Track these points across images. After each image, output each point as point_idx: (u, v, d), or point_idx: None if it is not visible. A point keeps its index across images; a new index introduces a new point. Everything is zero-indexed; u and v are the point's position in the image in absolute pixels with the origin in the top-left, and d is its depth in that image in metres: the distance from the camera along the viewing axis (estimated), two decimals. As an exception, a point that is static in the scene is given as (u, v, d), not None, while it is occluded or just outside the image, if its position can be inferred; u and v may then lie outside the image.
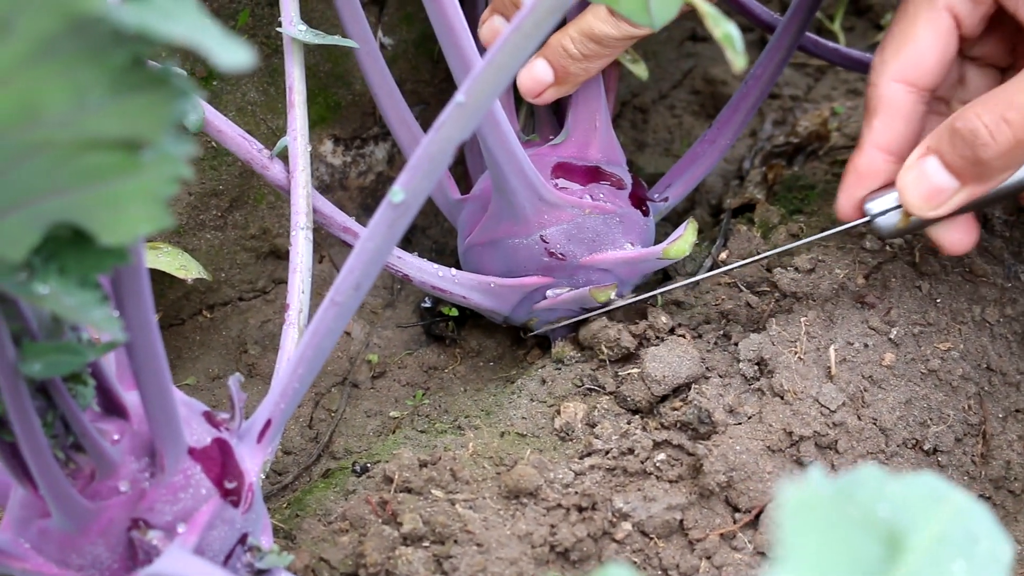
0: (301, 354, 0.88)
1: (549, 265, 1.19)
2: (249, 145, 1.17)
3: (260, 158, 1.17)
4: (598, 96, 1.25)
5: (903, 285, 1.16)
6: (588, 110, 1.24)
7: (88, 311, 0.61)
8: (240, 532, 0.87)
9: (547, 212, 1.18)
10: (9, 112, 0.50)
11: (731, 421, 1.06)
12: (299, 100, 1.18)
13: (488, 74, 0.73)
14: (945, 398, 1.11)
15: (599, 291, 1.18)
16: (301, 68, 1.19)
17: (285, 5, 1.19)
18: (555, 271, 1.20)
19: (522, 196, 1.16)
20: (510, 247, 1.20)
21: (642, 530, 0.99)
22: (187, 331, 1.38)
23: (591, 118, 1.24)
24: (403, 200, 0.78)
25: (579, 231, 1.19)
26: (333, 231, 1.20)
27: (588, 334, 1.19)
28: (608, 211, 1.20)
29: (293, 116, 1.18)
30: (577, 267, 1.19)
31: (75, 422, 0.76)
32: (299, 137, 1.17)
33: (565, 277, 1.20)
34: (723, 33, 0.68)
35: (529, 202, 1.16)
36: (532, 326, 1.26)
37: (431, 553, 0.95)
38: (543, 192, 1.16)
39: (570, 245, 1.19)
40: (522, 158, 1.12)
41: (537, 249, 1.19)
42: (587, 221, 1.19)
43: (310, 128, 1.22)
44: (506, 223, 1.19)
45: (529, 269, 1.20)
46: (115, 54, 0.49)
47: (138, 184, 0.55)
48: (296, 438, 1.25)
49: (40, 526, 0.82)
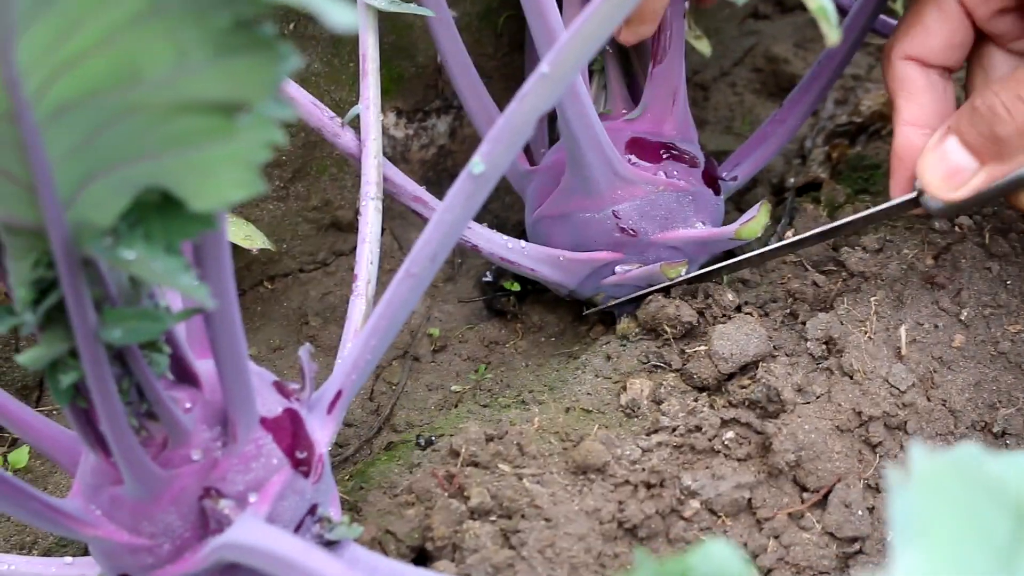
0: (375, 325, 0.87)
1: (620, 241, 1.19)
2: (320, 113, 1.16)
3: (332, 125, 1.16)
4: (680, 72, 1.24)
5: (973, 266, 1.14)
6: (668, 85, 1.23)
7: (176, 277, 0.61)
8: (310, 503, 0.87)
9: (621, 188, 1.17)
10: (109, 73, 0.50)
11: (799, 400, 1.05)
12: (372, 68, 1.17)
13: (574, 44, 0.72)
14: (1015, 380, 1.10)
15: (670, 267, 1.17)
16: (375, 36, 1.18)
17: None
18: (625, 247, 1.19)
19: (597, 170, 1.15)
20: (581, 221, 1.20)
21: (710, 508, 0.99)
22: (248, 302, 1.38)
23: (669, 94, 1.23)
24: (483, 172, 0.77)
25: (652, 208, 1.18)
26: (403, 200, 1.19)
27: (647, 315, 1.18)
28: (682, 189, 1.19)
29: (366, 84, 1.17)
30: (648, 244, 1.18)
31: (150, 389, 0.76)
32: (371, 106, 1.16)
33: (635, 253, 1.19)
34: (818, 6, 0.67)
35: (604, 176, 1.16)
36: (597, 301, 1.25)
37: (499, 527, 0.95)
38: (618, 167, 1.16)
39: (642, 222, 1.18)
40: (600, 132, 1.11)
41: (608, 224, 1.18)
42: (660, 198, 1.18)
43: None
44: (578, 197, 1.19)
45: (599, 244, 1.20)
46: (219, 15, 0.49)
47: (232, 149, 0.55)
48: (357, 410, 1.25)
49: (112, 493, 0.82)
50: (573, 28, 0.72)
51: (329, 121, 1.16)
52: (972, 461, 0.48)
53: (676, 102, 1.24)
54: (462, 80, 1.24)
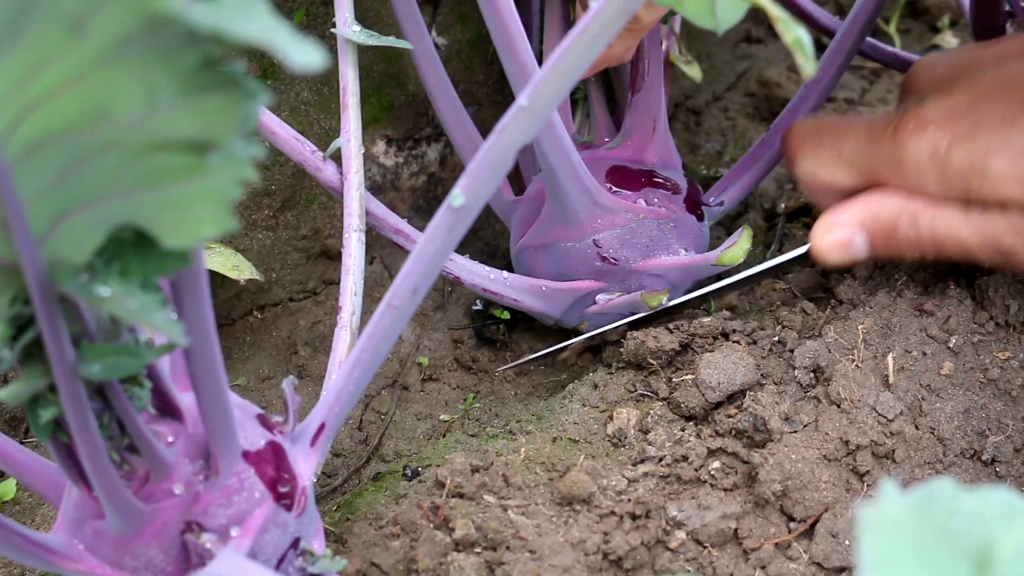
0: (357, 358, 0.87)
1: (601, 269, 1.19)
2: (302, 147, 1.17)
3: (313, 160, 1.17)
4: (659, 99, 1.24)
5: (961, 294, 1.14)
6: (648, 113, 1.23)
7: (150, 314, 0.61)
8: (293, 536, 0.87)
9: (601, 216, 1.18)
10: (80, 112, 0.50)
11: (787, 429, 1.05)
12: (352, 102, 1.17)
13: (552, 78, 0.72)
14: (1004, 408, 1.10)
15: (651, 296, 1.17)
16: (355, 70, 1.19)
17: (340, 6, 1.19)
18: (607, 275, 1.19)
19: (576, 200, 1.15)
20: (563, 251, 1.20)
21: (696, 539, 0.98)
22: (237, 331, 1.38)
23: (649, 121, 1.23)
24: (463, 204, 0.77)
25: (633, 236, 1.18)
26: (385, 233, 1.20)
27: (630, 348, 1.17)
28: (662, 216, 1.19)
29: (347, 118, 1.17)
30: (630, 272, 1.19)
31: (131, 424, 0.75)
32: (352, 139, 1.17)
33: (617, 282, 1.20)
34: (794, 38, 0.66)
35: (583, 206, 1.16)
36: (583, 330, 1.25)
37: (483, 559, 0.95)
38: (597, 196, 1.16)
39: (623, 250, 1.18)
40: (576, 162, 1.12)
41: (590, 253, 1.18)
42: (641, 226, 1.18)
43: (363, 128, 1.21)
44: (559, 227, 1.19)
45: (581, 273, 1.20)
46: (188, 54, 0.49)
47: (204, 186, 0.55)
48: (346, 440, 1.24)
49: (94, 527, 0.82)
50: (551, 61, 0.72)
51: (311, 155, 1.17)
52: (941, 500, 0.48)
53: (656, 129, 1.24)
54: (447, 111, 1.24)
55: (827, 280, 1.20)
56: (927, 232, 1.05)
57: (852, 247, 1.09)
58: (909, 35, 1.79)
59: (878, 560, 0.44)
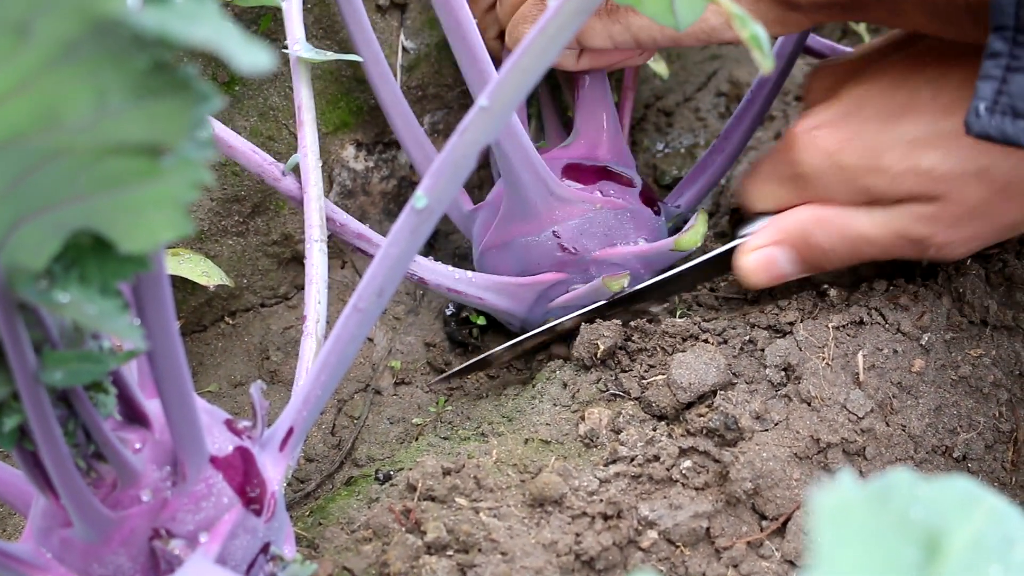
0: (324, 361, 0.87)
1: (562, 260, 1.20)
2: (260, 159, 1.18)
3: (273, 171, 1.18)
4: (604, 95, 1.27)
5: (934, 291, 1.14)
6: (595, 110, 1.26)
7: (110, 319, 0.60)
8: (263, 541, 0.86)
9: (559, 208, 1.19)
10: (30, 117, 0.50)
11: (758, 428, 1.05)
12: (308, 118, 1.20)
13: (513, 77, 0.72)
14: (976, 405, 1.10)
15: (612, 280, 1.18)
16: (309, 87, 1.21)
17: (290, 25, 1.22)
18: (568, 266, 1.20)
19: (533, 191, 1.17)
20: (523, 246, 1.21)
21: (668, 538, 0.98)
22: (209, 338, 1.37)
23: (598, 118, 1.26)
24: (426, 205, 0.77)
25: (591, 226, 1.20)
26: (348, 239, 1.21)
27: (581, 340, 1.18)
28: (619, 206, 1.21)
29: (303, 133, 1.20)
30: (590, 262, 1.20)
31: (96, 431, 0.75)
32: (310, 153, 1.19)
33: (579, 272, 1.21)
34: (750, 34, 0.67)
35: (540, 197, 1.17)
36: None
37: (455, 562, 0.94)
38: (554, 187, 1.17)
39: (582, 240, 1.19)
40: (531, 152, 1.14)
41: (550, 245, 1.20)
42: (598, 216, 1.20)
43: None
44: (518, 222, 1.20)
45: (543, 266, 1.21)
46: (137, 58, 0.48)
47: (159, 190, 0.55)
48: (319, 445, 1.24)
49: (62, 536, 0.81)
50: (511, 61, 0.72)
51: (270, 167, 1.18)
52: (899, 489, 0.48)
53: (606, 126, 1.26)
54: (399, 123, 1.25)
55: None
56: (838, 236, 1.07)
57: (776, 265, 1.12)
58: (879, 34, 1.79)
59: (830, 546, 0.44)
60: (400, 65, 1.42)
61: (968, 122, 0.90)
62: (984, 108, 0.89)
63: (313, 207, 1.17)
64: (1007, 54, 0.88)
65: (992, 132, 0.90)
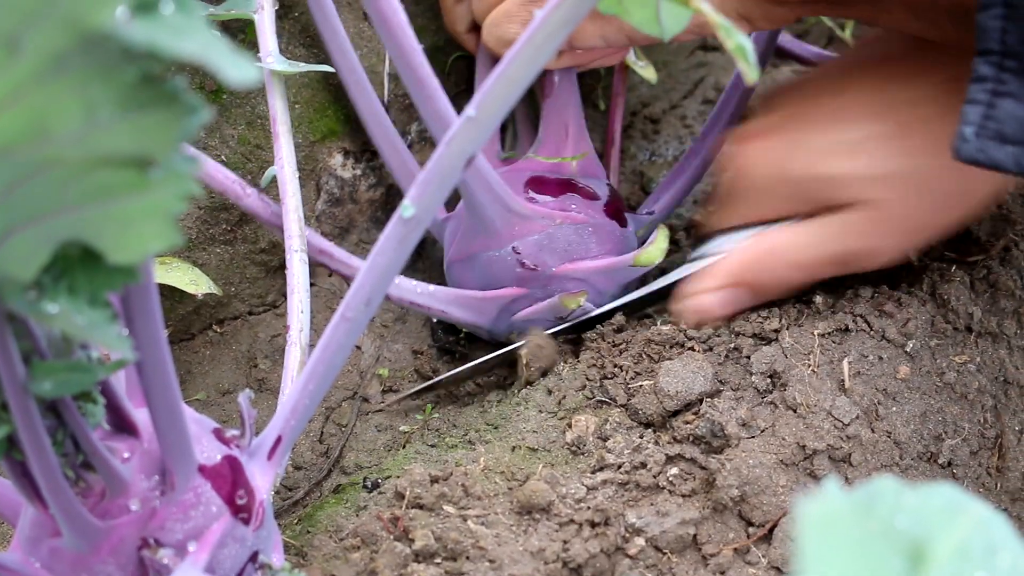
0: (312, 370, 0.88)
1: (523, 276, 1.21)
2: (224, 177, 1.20)
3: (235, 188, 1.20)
4: (571, 104, 1.27)
5: (919, 298, 1.15)
6: (559, 119, 1.27)
7: (99, 330, 0.61)
8: (251, 550, 0.87)
9: (518, 224, 1.20)
10: (19, 130, 0.50)
11: (744, 435, 1.05)
12: (283, 130, 1.21)
13: (499, 87, 0.73)
14: (961, 411, 1.10)
15: (569, 298, 1.19)
16: (283, 100, 1.23)
17: (262, 37, 1.23)
18: (529, 282, 1.21)
19: (491, 209, 1.17)
20: (485, 261, 1.22)
21: (655, 545, 0.99)
22: (197, 346, 1.37)
23: (562, 127, 1.27)
24: (414, 215, 0.78)
25: (551, 241, 1.20)
26: (312, 255, 1.20)
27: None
28: (580, 221, 1.21)
29: (279, 145, 1.21)
30: (551, 277, 1.20)
31: (85, 441, 0.75)
32: (286, 164, 1.20)
33: (539, 287, 1.21)
34: (735, 44, 0.67)
35: (498, 215, 1.18)
36: (514, 339, 1.26)
37: (443, 570, 0.95)
38: (512, 204, 1.18)
39: (542, 255, 1.20)
40: (487, 171, 1.14)
41: (510, 261, 1.20)
42: (558, 231, 1.20)
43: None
44: (480, 237, 1.21)
45: (505, 281, 1.22)
46: (125, 71, 0.49)
47: (148, 202, 0.55)
48: (307, 453, 1.24)
49: (51, 545, 0.81)
50: (498, 71, 0.72)
51: (233, 185, 1.19)
52: (884, 498, 0.48)
53: (568, 135, 1.27)
54: (377, 131, 1.23)
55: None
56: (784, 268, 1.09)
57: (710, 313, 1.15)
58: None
59: (816, 555, 0.44)
60: (387, 73, 1.42)
61: (955, 147, 0.91)
62: (971, 132, 0.90)
63: (292, 217, 1.18)
64: (993, 78, 0.89)
65: (979, 157, 0.90)
